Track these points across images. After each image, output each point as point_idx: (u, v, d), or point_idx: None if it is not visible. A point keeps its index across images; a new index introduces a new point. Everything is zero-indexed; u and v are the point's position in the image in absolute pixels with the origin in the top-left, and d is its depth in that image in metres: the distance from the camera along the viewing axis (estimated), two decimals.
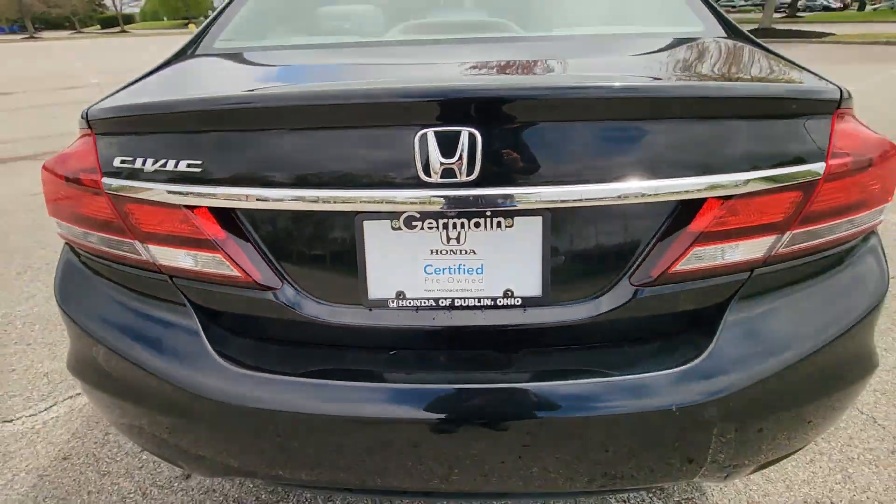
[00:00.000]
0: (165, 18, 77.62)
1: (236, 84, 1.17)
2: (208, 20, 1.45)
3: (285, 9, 1.59)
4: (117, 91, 1.05)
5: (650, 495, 1.46)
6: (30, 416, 1.85)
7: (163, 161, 0.85)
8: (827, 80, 0.93)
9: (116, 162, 0.88)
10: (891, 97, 7.37)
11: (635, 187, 0.81)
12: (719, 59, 1.12)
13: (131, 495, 1.52)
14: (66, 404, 1.89)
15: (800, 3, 38.48)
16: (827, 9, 45.26)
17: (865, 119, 0.98)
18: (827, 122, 0.85)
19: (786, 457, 1.05)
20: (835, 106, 0.85)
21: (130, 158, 0.87)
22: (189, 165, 0.84)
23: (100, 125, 0.91)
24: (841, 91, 0.86)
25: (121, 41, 36.76)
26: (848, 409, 1.04)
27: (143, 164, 0.86)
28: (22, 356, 2.19)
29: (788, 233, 0.87)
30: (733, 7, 56.79)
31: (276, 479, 1.04)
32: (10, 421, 1.83)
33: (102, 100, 0.98)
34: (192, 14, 68.33)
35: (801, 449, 1.06)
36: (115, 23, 65.46)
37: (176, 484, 1.55)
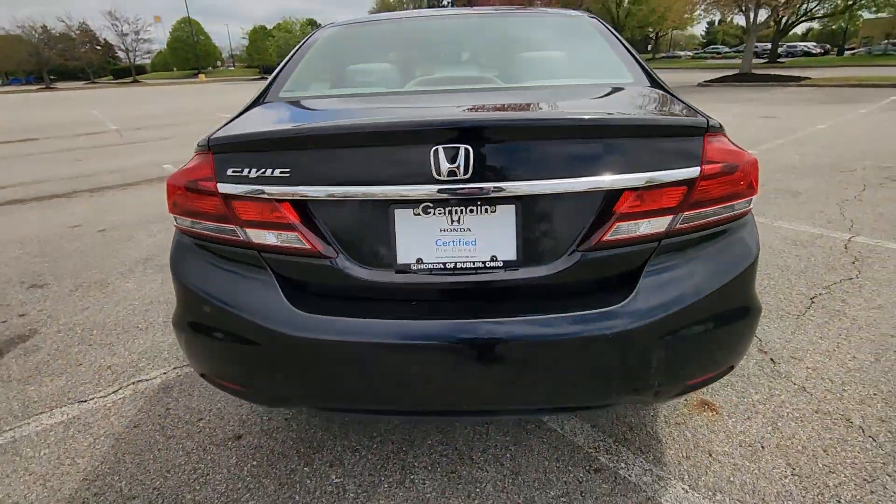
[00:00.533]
0: (175, 69, 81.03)
1: (306, 119, 1.62)
2: (271, 78, 1.92)
3: (327, 68, 2.08)
4: (224, 125, 1.48)
5: (616, 443, 1.80)
6: (101, 397, 2.20)
7: (262, 170, 1.27)
8: (700, 114, 1.36)
9: (229, 172, 1.30)
10: (838, 136, 7.96)
11: (577, 183, 1.23)
12: (638, 101, 1.57)
13: (193, 451, 1.86)
14: (131, 388, 2.25)
15: (781, 49, 40.56)
16: (807, 54, 47.58)
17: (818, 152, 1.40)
18: (699, 142, 1.28)
19: (702, 383, 1.42)
20: (703, 131, 1.28)
21: (239, 169, 1.29)
22: (280, 172, 1.26)
23: (217, 147, 1.33)
24: (708, 121, 1.29)
25: (133, 91, 38.43)
26: (745, 344, 1.42)
27: (248, 172, 1.28)
28: (86, 354, 2.55)
29: (681, 214, 1.28)
30: (718, 54, 59.58)
31: (325, 401, 1.40)
32: (85, 401, 2.18)
33: (216, 131, 1.41)
34: (201, 65, 71.47)
35: (714, 378, 1.43)
36: (127, 73, 68.38)
37: (230, 442, 1.90)
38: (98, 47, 64.76)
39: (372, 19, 2.46)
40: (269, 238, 1.32)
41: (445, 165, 1.20)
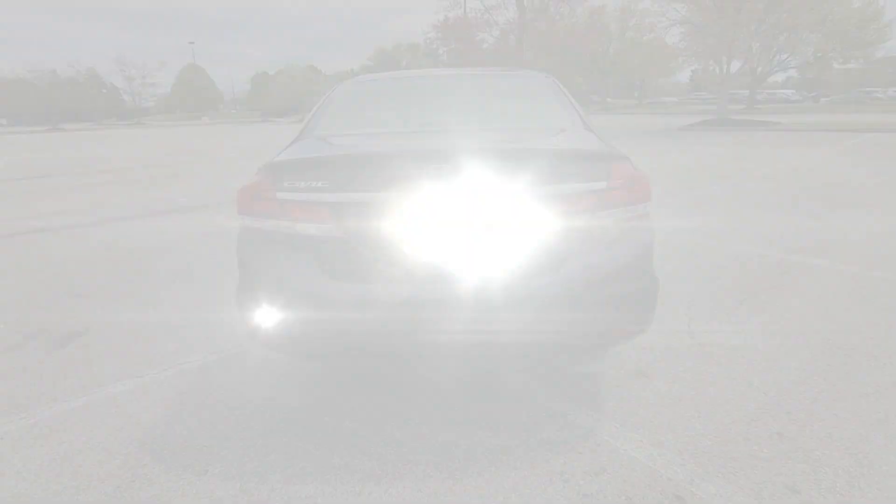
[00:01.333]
0: (178, 112, 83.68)
1: (337, 150, 2.22)
2: (305, 122, 2.55)
3: (346, 114, 2.72)
4: (279, 153, 2.08)
5: (568, 400, 2.31)
6: (153, 374, 2.68)
7: (308, 183, 1.85)
8: (611, 148, 1.97)
9: (284, 184, 1.88)
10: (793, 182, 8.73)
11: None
12: (571, 138, 2.20)
13: (236, 408, 2.34)
14: (177, 368, 2.73)
15: (761, 96, 42.82)
16: (785, 101, 50.15)
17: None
18: (609, 165, 1.88)
19: (618, 339, 1.96)
20: (611, 159, 1.89)
21: (292, 182, 1.87)
22: (321, 184, 1.84)
23: (276, 168, 1.92)
24: (613, 152, 1.90)
25: (139, 133, 39.66)
26: (649, 304, 1.97)
27: (298, 184, 1.86)
28: (133, 345, 3.04)
29: (597, 212, 1.86)
30: (701, 100, 62.54)
31: (350, 350, 1.92)
32: (140, 377, 2.65)
33: (275, 157, 2.01)
34: (205, 108, 73.98)
35: (632, 333, 1.97)
36: (131, 115, 70.49)
37: (265, 403, 2.38)
38: (104, 90, 67.10)
39: (378, 78, 3.15)
40: (310, 230, 1.88)
41: None
